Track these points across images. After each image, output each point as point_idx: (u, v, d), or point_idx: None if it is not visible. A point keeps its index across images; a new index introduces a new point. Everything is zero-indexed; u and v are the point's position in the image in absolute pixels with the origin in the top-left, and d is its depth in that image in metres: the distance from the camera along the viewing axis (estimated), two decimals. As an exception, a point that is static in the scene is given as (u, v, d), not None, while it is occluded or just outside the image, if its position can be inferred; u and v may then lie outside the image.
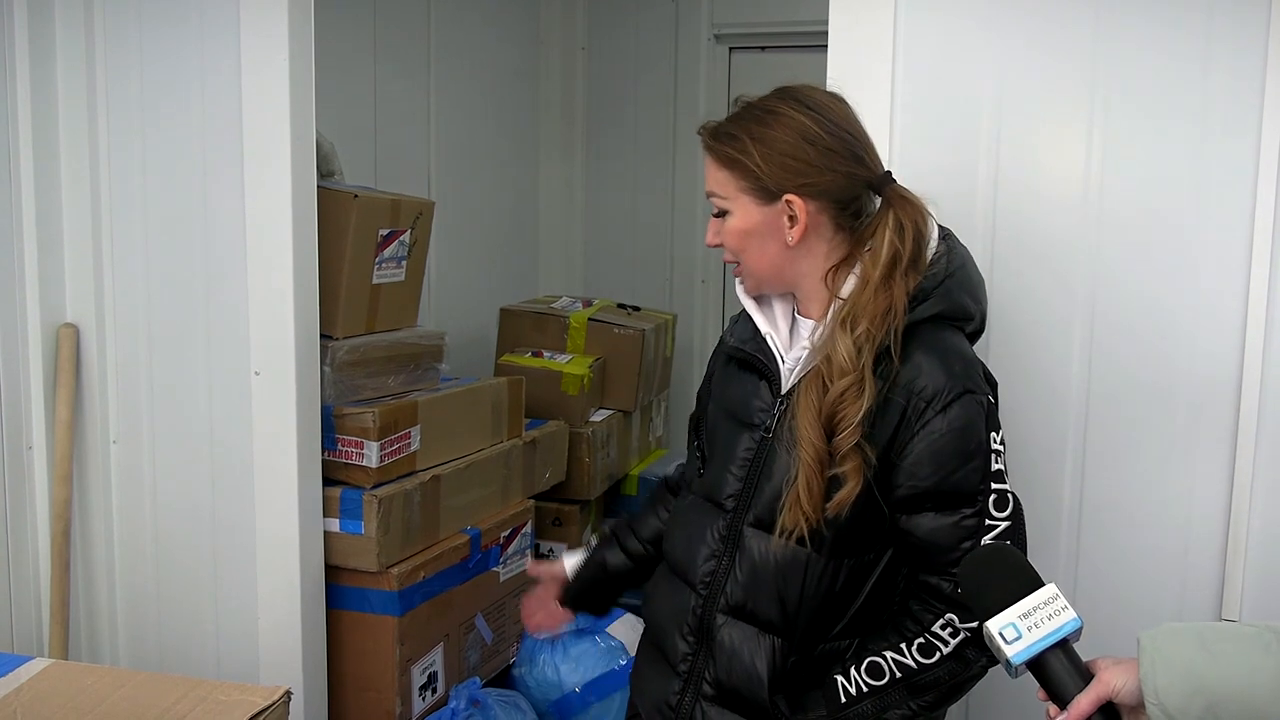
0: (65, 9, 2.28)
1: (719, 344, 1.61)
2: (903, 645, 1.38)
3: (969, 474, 1.35)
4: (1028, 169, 1.78)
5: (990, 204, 1.79)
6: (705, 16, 4.04)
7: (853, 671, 1.39)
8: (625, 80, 4.17)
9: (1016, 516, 1.37)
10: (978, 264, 1.49)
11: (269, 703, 1.60)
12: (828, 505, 1.35)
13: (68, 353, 2.32)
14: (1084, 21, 1.73)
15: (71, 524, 2.35)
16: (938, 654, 1.36)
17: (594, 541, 1.78)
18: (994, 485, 1.36)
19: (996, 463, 1.36)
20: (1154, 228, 1.73)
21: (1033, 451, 1.80)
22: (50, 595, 2.29)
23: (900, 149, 1.81)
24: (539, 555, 3.16)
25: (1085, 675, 1.12)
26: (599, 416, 3.30)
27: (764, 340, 1.48)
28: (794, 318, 1.50)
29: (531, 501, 2.89)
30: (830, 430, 1.35)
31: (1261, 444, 1.69)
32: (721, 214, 1.45)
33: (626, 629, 2.85)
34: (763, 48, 4.04)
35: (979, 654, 1.35)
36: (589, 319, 3.37)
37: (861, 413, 1.33)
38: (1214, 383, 1.71)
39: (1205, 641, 1.09)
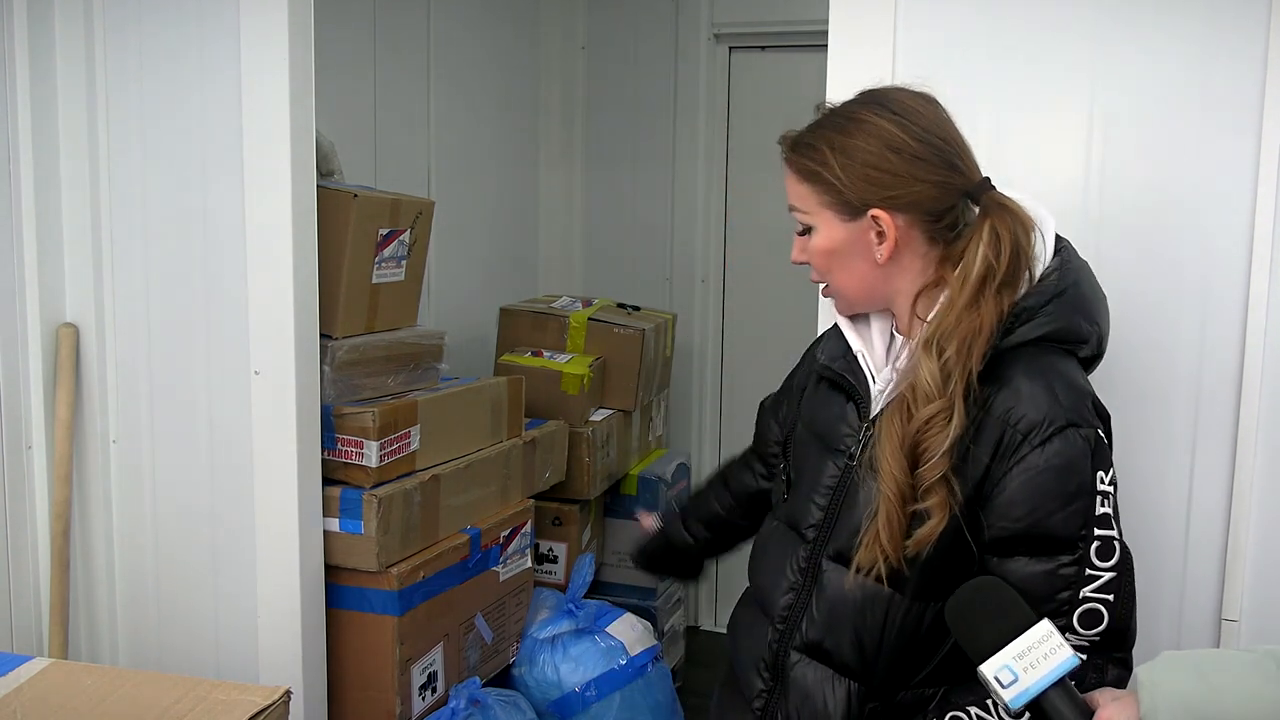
0: (65, 9, 2.28)
1: (809, 358, 1.53)
2: (989, 701, 1.24)
3: (1069, 517, 1.22)
4: (1027, 169, 1.78)
5: (990, 204, 1.79)
6: (705, 16, 4.04)
7: None
8: (625, 80, 4.17)
9: (1123, 567, 1.24)
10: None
11: (269, 702, 1.60)
12: (908, 543, 1.25)
13: (67, 352, 2.32)
14: (1084, 22, 1.73)
15: (71, 524, 2.34)
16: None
17: (674, 506, 1.91)
18: (1098, 531, 1.23)
19: (1103, 506, 1.24)
20: (1154, 228, 1.73)
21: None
22: (50, 595, 2.29)
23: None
24: (538, 555, 3.16)
25: (1085, 712, 1.10)
26: (599, 416, 3.30)
27: (854, 359, 1.39)
28: (892, 335, 1.41)
29: (531, 501, 2.89)
30: (914, 461, 1.25)
31: (1262, 444, 1.69)
32: (806, 231, 1.37)
33: (626, 629, 2.85)
34: (763, 47, 4.03)
35: None
36: (589, 319, 3.37)
37: (948, 443, 1.22)
38: (1214, 383, 1.71)
39: (1204, 673, 1.07)
